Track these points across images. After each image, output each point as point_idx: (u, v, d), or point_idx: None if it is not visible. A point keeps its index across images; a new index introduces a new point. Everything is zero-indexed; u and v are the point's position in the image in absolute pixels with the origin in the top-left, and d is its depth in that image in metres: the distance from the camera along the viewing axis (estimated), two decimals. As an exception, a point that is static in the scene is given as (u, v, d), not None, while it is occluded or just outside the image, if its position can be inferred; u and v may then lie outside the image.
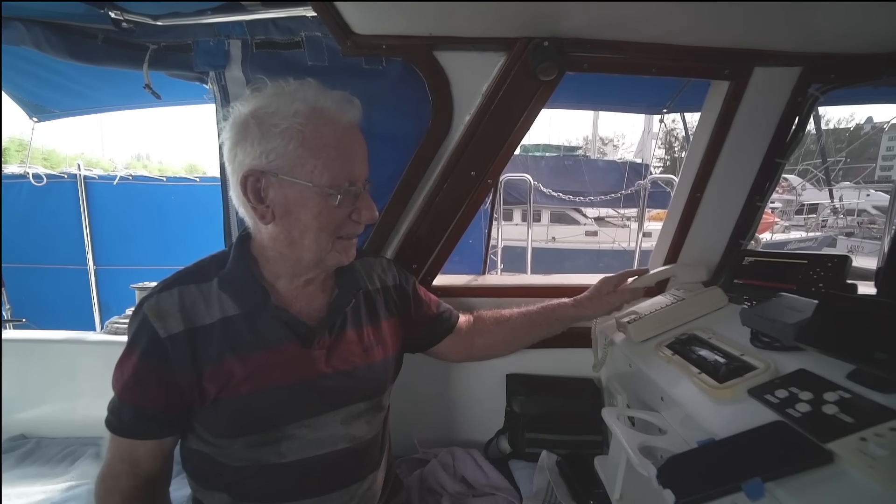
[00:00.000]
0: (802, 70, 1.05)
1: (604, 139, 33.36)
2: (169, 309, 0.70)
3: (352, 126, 0.73)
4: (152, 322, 0.69)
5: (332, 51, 1.08)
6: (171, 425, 0.73)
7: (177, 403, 0.71)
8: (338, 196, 0.71)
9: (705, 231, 1.27)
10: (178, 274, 0.75)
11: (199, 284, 0.74)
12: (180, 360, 0.69)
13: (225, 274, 0.75)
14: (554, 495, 1.10)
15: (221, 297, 0.73)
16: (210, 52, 1.13)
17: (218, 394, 0.70)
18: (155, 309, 0.70)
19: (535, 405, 1.32)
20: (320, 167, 0.69)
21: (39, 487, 1.16)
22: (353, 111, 0.74)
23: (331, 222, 0.72)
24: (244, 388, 0.70)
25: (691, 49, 1.03)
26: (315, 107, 0.70)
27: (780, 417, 0.62)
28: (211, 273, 0.75)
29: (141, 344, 0.69)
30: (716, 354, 0.88)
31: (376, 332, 0.86)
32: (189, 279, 0.74)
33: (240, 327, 0.72)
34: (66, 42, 1.14)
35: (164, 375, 0.69)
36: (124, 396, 0.70)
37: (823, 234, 10.44)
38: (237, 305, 0.73)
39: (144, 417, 0.70)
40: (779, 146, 1.15)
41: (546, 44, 0.99)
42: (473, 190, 1.15)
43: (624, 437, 0.80)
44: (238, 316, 0.73)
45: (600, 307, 1.08)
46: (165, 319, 0.69)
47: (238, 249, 0.78)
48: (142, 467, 0.73)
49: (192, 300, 0.72)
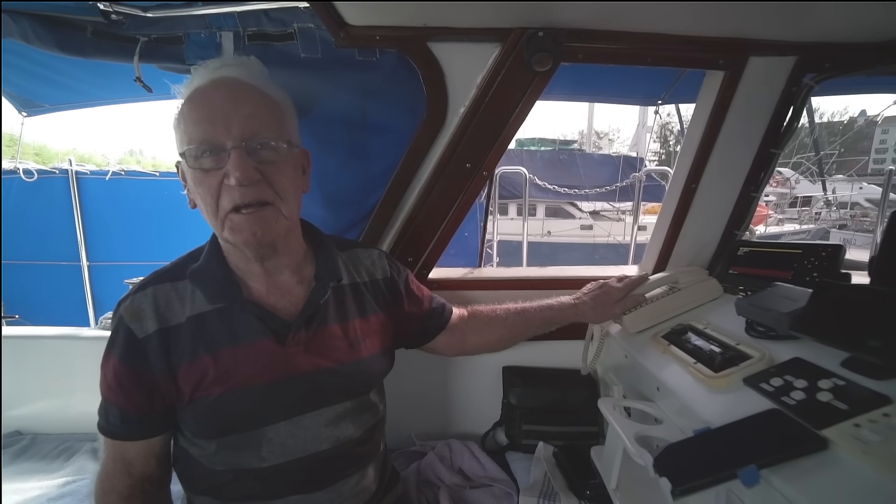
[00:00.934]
0: (797, 59, 1.05)
1: (599, 133, 33.34)
2: (144, 309, 0.70)
3: (216, 85, 0.68)
4: (129, 323, 0.69)
5: (325, 42, 1.06)
6: (155, 426, 0.72)
7: (158, 404, 0.70)
8: (197, 159, 0.66)
9: (701, 222, 1.27)
10: (153, 273, 0.74)
11: (175, 283, 0.73)
12: (157, 360, 0.68)
13: (195, 268, 0.74)
14: (551, 486, 1.11)
15: (195, 294, 0.72)
16: (201, 44, 1.11)
17: (192, 393, 0.69)
18: (130, 310, 0.70)
19: (531, 397, 1.33)
20: (181, 134, 0.68)
21: (35, 483, 1.16)
22: (231, 69, 0.71)
23: (206, 192, 0.67)
24: (217, 388, 0.69)
25: (686, 39, 1.02)
26: (191, 80, 0.70)
27: (775, 405, 0.63)
28: (186, 271, 0.74)
29: (119, 345, 0.69)
30: (711, 344, 0.89)
31: (364, 327, 0.83)
32: (164, 278, 0.73)
33: (212, 323, 0.71)
34: (54, 35, 1.11)
35: (144, 376, 0.68)
36: (108, 398, 0.70)
37: (817, 227, 10.50)
38: (209, 301, 0.72)
39: (129, 419, 0.70)
40: (774, 136, 1.15)
41: (541, 34, 0.98)
42: (469, 182, 1.14)
43: (620, 427, 0.80)
44: (210, 312, 0.71)
45: (605, 315, 1.07)
46: (141, 320, 0.69)
47: (211, 244, 0.76)
48: (135, 467, 0.72)
49: (166, 299, 0.71)
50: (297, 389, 0.73)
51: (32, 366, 1.45)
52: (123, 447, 0.71)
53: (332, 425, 0.76)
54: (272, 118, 0.71)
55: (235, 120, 0.66)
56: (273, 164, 0.69)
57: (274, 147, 0.69)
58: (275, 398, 0.72)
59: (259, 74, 0.74)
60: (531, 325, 1.05)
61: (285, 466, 0.73)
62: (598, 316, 1.06)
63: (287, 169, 0.72)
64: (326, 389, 0.76)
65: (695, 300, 1.16)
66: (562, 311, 1.04)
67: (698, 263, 1.33)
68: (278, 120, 0.72)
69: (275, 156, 0.70)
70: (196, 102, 0.68)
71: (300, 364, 0.74)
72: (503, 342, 1.07)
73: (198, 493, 0.76)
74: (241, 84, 0.70)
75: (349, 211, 1.19)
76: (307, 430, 0.74)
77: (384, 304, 0.89)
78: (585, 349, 1.25)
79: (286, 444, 0.73)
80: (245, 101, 0.68)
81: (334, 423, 0.76)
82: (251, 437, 0.71)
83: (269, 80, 0.76)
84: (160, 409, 0.71)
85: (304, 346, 0.75)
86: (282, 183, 0.70)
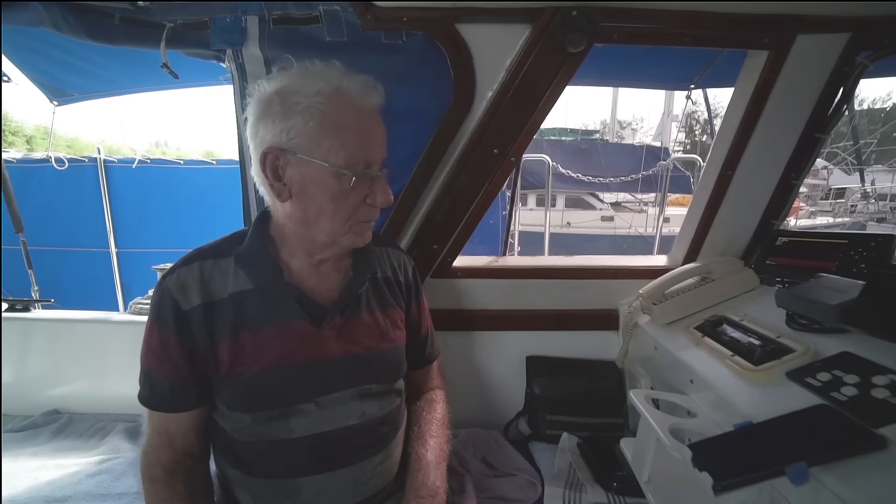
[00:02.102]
0: (851, 36, 0.98)
1: (622, 122, 32.42)
2: (190, 283, 0.72)
3: (372, 110, 0.73)
4: (175, 295, 0.71)
5: (351, 25, 1.05)
6: (197, 397, 0.74)
7: (200, 375, 0.73)
8: (352, 178, 0.70)
9: (736, 210, 1.22)
10: (197, 250, 0.77)
11: (217, 260, 0.75)
12: (200, 333, 0.71)
13: (241, 250, 0.77)
14: (576, 477, 1.10)
15: (237, 273, 0.75)
16: (227, 29, 1.11)
17: (231, 367, 0.72)
18: (176, 283, 0.72)
19: (555, 387, 1.31)
20: (336, 147, 0.69)
21: (74, 460, 1.21)
22: (376, 96, 0.73)
23: (346, 205, 0.72)
24: (255, 364, 0.72)
25: (729, 17, 0.97)
26: (338, 88, 0.70)
27: (824, 401, 0.60)
28: (229, 249, 0.77)
29: (164, 317, 0.71)
30: (749, 336, 0.85)
31: (391, 318, 0.86)
32: (208, 255, 0.76)
33: (253, 302, 0.74)
34: (84, 22, 1.13)
35: (188, 347, 0.71)
36: (154, 368, 0.72)
37: (852, 220, 10.06)
38: (251, 281, 0.75)
39: (171, 389, 0.72)
40: (819, 120, 1.09)
41: (575, 13, 0.94)
42: (496, 168, 1.12)
43: (654, 420, 0.78)
44: (252, 291, 0.74)
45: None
46: (187, 293, 0.72)
47: (256, 227, 0.79)
48: (177, 441, 0.75)
49: (210, 275, 0.74)
50: (327, 371, 0.76)
51: (67, 348, 1.50)
52: (166, 420, 0.74)
53: (358, 401, 0.79)
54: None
55: (380, 147, 0.74)
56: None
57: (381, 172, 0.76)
58: (306, 377, 0.75)
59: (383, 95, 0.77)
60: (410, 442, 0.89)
61: (313, 440, 0.75)
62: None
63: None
64: (355, 373, 0.79)
65: (729, 291, 1.12)
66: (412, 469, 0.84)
67: (731, 253, 1.28)
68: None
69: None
70: (360, 123, 0.71)
71: (332, 348, 0.77)
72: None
73: (230, 467, 0.78)
74: (378, 107, 0.74)
75: None
76: (335, 404, 0.77)
77: (403, 302, 0.92)
78: (625, 341, 1.23)
79: (313, 417, 0.75)
80: (383, 128, 0.75)
81: (360, 399, 0.79)
82: (283, 412, 0.74)
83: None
84: (201, 381, 0.73)
85: (338, 331, 0.78)
86: None
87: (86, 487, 1.10)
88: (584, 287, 1.35)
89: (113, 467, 1.17)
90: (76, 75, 1.85)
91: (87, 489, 1.09)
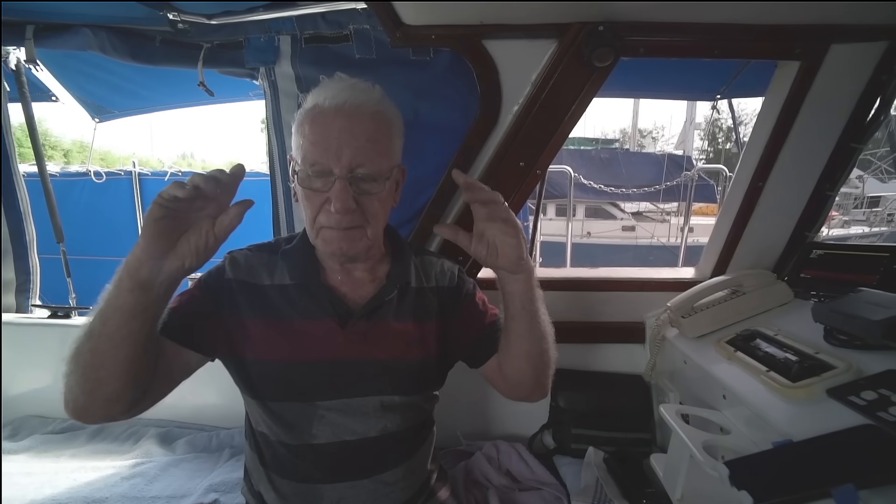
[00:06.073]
0: (889, 45, 0.96)
1: (642, 131, 32.00)
2: (240, 262, 0.82)
3: (335, 112, 0.71)
4: (226, 265, 0.81)
5: (380, 43, 1.08)
6: (192, 335, 0.73)
7: (212, 325, 0.76)
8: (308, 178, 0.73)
9: (767, 222, 1.20)
10: (255, 244, 0.87)
11: (268, 254, 0.84)
12: (229, 301, 0.78)
13: (287, 249, 0.84)
14: (603, 493, 1.07)
15: (281, 269, 0.82)
16: (261, 48, 1.16)
17: (256, 352, 0.77)
18: (231, 258, 0.83)
19: (581, 401, 1.30)
20: (296, 147, 0.75)
21: (110, 463, 1.24)
22: (347, 95, 0.72)
23: (309, 207, 0.75)
24: (279, 353, 0.77)
25: (759, 28, 0.96)
26: (317, 94, 0.74)
27: (870, 421, 0.58)
28: (279, 247, 0.85)
29: (210, 274, 0.80)
30: (785, 352, 0.83)
31: (419, 331, 0.84)
32: (263, 249, 0.85)
33: (289, 295, 0.80)
34: (128, 45, 1.20)
35: (212, 302, 0.77)
36: (175, 301, 0.72)
37: (890, 230, 9.63)
38: (290, 277, 0.81)
39: (178, 314, 0.72)
40: (855, 130, 1.06)
41: (601, 28, 0.95)
42: (523, 181, 1.13)
43: (687, 436, 0.77)
44: (290, 286, 0.80)
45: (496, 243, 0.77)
46: (234, 268, 0.81)
47: (304, 233, 0.84)
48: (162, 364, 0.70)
49: (259, 262, 0.82)
50: (350, 371, 0.78)
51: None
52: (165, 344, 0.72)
53: (380, 413, 0.80)
54: (381, 148, 0.74)
55: (347, 150, 0.70)
56: (370, 195, 0.74)
57: (375, 181, 0.74)
58: (328, 375, 0.78)
59: (379, 100, 0.76)
60: (513, 321, 0.82)
61: (335, 447, 0.77)
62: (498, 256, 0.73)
63: (382, 196, 0.77)
64: (377, 379, 0.80)
65: (761, 305, 1.09)
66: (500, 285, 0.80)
67: (762, 266, 1.25)
68: (386, 147, 0.76)
69: (375, 188, 0.74)
70: (317, 124, 0.72)
71: (356, 350, 0.79)
72: (523, 354, 0.85)
73: (259, 465, 0.82)
74: (361, 112, 0.73)
75: (400, 209, 1.20)
76: (356, 412, 0.78)
77: (441, 312, 0.88)
78: (653, 354, 1.21)
79: (336, 423, 0.77)
80: (360, 132, 0.72)
81: (382, 412, 0.80)
82: (305, 410, 0.77)
83: (387, 100, 0.78)
84: (204, 330, 0.75)
85: (363, 334, 0.79)
86: (374, 211, 0.76)
87: (121, 490, 1.13)
88: (609, 299, 1.33)
89: (146, 471, 1.21)
90: (117, 94, 1.95)
91: (123, 491, 1.13)
